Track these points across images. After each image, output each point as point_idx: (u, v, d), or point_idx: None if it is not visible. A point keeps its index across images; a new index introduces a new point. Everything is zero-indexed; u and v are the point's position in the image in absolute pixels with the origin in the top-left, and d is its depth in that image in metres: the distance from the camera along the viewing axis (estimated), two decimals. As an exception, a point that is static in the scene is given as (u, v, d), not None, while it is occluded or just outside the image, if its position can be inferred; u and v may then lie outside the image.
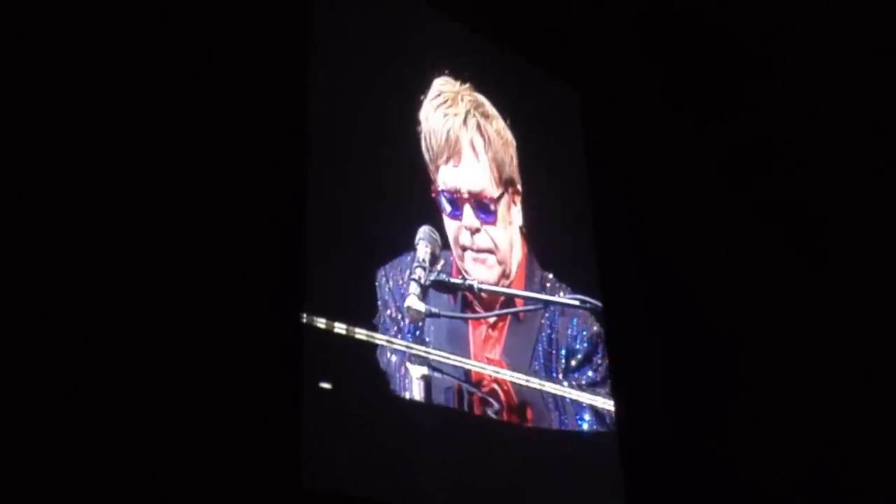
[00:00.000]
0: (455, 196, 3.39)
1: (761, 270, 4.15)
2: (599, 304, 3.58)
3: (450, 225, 3.37)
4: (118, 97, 2.62)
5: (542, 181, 3.76)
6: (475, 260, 3.39)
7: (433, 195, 3.36)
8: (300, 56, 3.07)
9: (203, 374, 2.56)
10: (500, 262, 3.43)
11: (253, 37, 2.95)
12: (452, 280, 3.29)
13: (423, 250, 3.23)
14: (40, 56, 2.51)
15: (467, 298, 3.33)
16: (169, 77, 2.73)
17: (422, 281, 3.19)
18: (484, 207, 3.43)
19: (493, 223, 3.45)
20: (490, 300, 3.39)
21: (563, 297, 3.54)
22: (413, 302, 3.15)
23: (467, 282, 3.31)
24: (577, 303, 3.53)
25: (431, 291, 3.22)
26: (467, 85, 3.53)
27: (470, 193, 3.41)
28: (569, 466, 3.38)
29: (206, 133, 2.75)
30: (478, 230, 3.40)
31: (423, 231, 3.27)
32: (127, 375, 2.43)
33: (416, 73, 3.45)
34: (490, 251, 3.41)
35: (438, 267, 3.25)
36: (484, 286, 3.36)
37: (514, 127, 3.65)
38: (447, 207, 3.38)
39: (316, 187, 2.98)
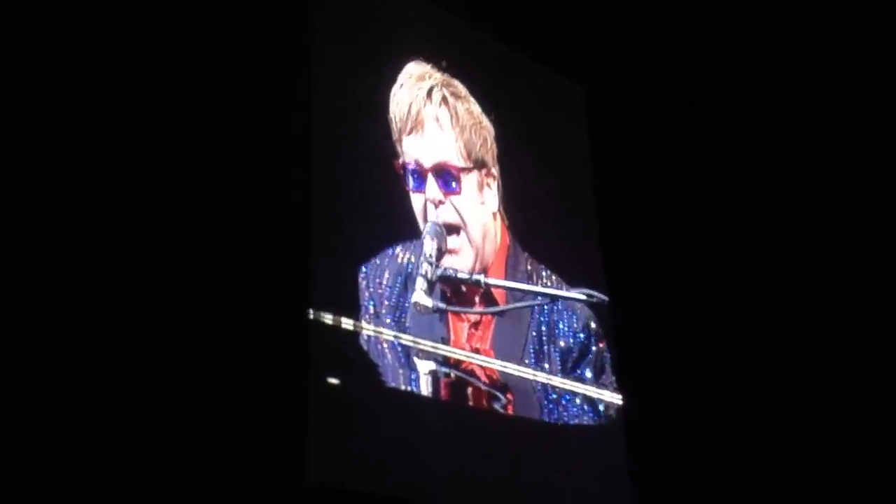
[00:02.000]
0: (417, 168, 3.26)
1: (766, 266, 4.15)
2: (606, 297, 3.58)
3: (416, 201, 3.25)
4: (122, 96, 2.63)
5: (541, 176, 3.73)
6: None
7: (398, 172, 3.24)
8: (302, 53, 3.08)
9: (210, 371, 2.56)
10: (470, 242, 3.31)
11: (254, 36, 2.95)
12: (459, 275, 3.25)
13: (429, 245, 3.19)
14: (42, 56, 2.52)
15: (445, 293, 3.22)
16: (168, 75, 2.74)
17: (428, 276, 3.16)
18: (447, 178, 3.30)
19: (458, 193, 3.32)
20: (468, 292, 3.29)
21: (570, 292, 3.50)
22: (420, 297, 3.13)
23: (473, 277, 3.28)
24: (583, 297, 3.52)
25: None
26: (446, 73, 3.44)
27: (433, 164, 3.29)
28: (573, 459, 3.37)
29: (208, 132, 2.76)
30: (441, 202, 3.28)
31: (430, 226, 3.23)
32: (136, 373, 2.43)
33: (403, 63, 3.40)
34: (457, 227, 3.29)
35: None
36: (491, 281, 3.35)
37: (500, 120, 3.57)
38: (410, 181, 3.25)
39: (320, 183, 2.97)
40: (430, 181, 3.28)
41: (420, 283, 3.14)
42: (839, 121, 4.24)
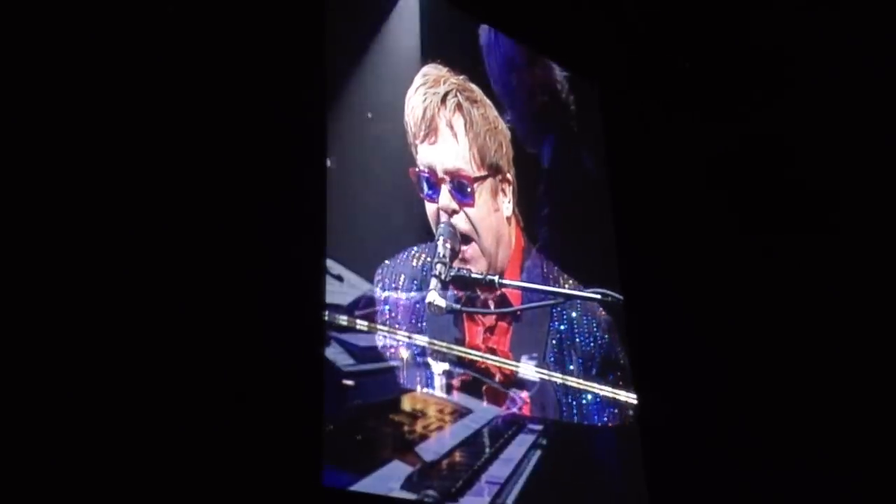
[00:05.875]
0: (431, 176, 3.26)
1: (783, 265, 4.13)
2: (620, 297, 3.57)
3: (430, 208, 3.24)
4: (139, 99, 2.63)
5: (558, 176, 3.72)
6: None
7: (412, 178, 3.24)
8: (316, 54, 3.09)
9: (226, 372, 2.56)
10: (482, 251, 3.29)
11: (268, 37, 2.96)
12: (473, 275, 3.25)
13: (442, 246, 3.19)
14: (53, 55, 2.53)
15: (459, 296, 3.21)
16: (182, 75, 2.75)
17: (442, 276, 3.16)
18: (461, 188, 3.29)
19: (472, 205, 3.31)
20: (483, 296, 3.27)
21: (584, 291, 3.50)
22: (434, 298, 3.13)
23: (487, 277, 3.29)
24: (598, 296, 3.51)
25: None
26: (463, 76, 3.44)
27: (446, 172, 3.28)
28: (590, 459, 3.37)
29: (222, 135, 2.77)
30: (455, 212, 3.27)
31: (443, 227, 3.23)
32: (151, 374, 2.44)
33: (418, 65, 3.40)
34: (470, 236, 3.27)
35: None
36: (506, 281, 3.33)
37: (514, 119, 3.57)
38: (425, 189, 3.25)
39: (335, 185, 2.98)
40: (444, 190, 3.28)
41: (434, 284, 3.14)
42: (855, 118, 4.21)
